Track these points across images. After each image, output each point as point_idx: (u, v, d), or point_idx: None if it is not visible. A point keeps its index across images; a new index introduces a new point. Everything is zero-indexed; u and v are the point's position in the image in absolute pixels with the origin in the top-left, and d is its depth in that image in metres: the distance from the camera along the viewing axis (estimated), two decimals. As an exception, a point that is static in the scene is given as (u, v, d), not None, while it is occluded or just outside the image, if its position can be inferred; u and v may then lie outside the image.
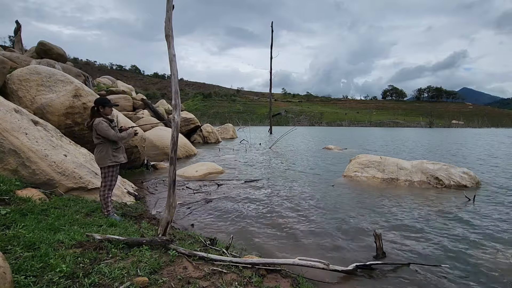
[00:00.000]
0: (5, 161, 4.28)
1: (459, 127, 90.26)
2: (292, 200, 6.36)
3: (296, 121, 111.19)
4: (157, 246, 3.02)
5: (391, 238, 4.28)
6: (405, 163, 8.57)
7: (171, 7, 3.21)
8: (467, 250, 3.92)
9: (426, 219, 5.13)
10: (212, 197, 6.41)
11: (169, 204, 3.18)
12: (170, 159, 3.19)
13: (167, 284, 2.39)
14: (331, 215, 5.35)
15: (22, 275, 2.13)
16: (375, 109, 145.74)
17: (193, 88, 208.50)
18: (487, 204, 6.10)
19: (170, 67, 3.24)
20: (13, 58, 11.38)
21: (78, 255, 2.61)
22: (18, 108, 5.23)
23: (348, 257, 3.69)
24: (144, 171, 9.37)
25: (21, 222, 3.04)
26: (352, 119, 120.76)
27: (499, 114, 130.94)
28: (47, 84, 7.00)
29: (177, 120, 3.20)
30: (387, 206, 5.91)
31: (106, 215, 3.84)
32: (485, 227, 4.77)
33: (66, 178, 4.66)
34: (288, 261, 3.03)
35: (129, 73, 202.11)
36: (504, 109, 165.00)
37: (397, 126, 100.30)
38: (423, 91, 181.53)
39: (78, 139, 6.75)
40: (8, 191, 3.76)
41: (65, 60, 15.19)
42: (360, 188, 7.67)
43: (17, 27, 16.97)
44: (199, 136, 21.66)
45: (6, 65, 6.95)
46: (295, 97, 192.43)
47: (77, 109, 6.99)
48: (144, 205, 5.53)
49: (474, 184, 7.63)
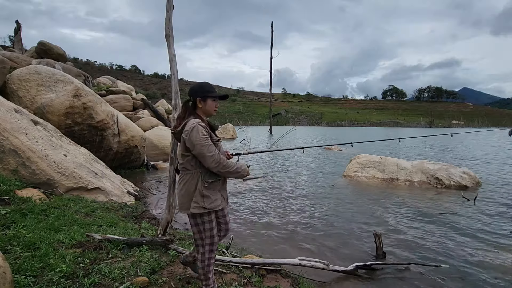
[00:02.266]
0: (5, 161, 4.28)
1: (459, 127, 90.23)
2: (292, 200, 6.36)
3: (296, 121, 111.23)
4: (157, 246, 3.02)
5: (391, 238, 4.28)
6: (405, 163, 8.57)
7: (171, 7, 3.21)
8: (467, 250, 3.91)
9: (426, 219, 5.13)
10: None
11: (169, 204, 3.18)
12: (170, 159, 3.19)
13: (167, 284, 2.39)
14: (331, 215, 5.35)
15: (22, 275, 2.13)
16: (375, 109, 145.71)
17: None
18: (487, 204, 6.09)
19: (170, 67, 3.24)
20: (13, 58, 11.38)
21: (78, 255, 2.61)
22: (18, 108, 5.23)
23: (348, 257, 3.69)
24: (144, 171, 9.36)
25: (21, 222, 3.03)
26: (352, 119, 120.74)
27: (499, 114, 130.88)
28: (47, 84, 7.00)
29: (177, 120, 3.20)
30: (387, 206, 5.91)
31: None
32: (486, 227, 4.76)
33: (66, 178, 4.65)
34: (288, 261, 3.03)
35: (129, 73, 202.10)
36: (504, 109, 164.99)
37: (397, 126, 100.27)
38: (423, 91, 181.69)
39: (78, 139, 6.75)
40: (8, 191, 3.75)
41: (65, 60, 15.20)
42: (360, 188, 7.67)
43: (17, 27, 16.97)
44: (199, 136, 21.61)
45: (6, 65, 6.96)
46: (295, 97, 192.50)
47: (77, 109, 6.98)
48: (144, 205, 5.52)
49: (475, 184, 7.63)
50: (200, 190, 1.96)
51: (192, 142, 1.89)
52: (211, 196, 1.99)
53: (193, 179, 1.98)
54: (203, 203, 1.96)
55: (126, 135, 8.29)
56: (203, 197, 1.97)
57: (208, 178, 1.99)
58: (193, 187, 1.97)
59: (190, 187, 1.98)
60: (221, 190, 2.09)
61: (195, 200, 1.96)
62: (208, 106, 2.06)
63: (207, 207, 1.97)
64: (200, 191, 1.96)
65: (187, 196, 1.99)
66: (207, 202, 1.97)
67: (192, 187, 1.97)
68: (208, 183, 1.98)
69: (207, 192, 1.97)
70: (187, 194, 1.99)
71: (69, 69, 12.61)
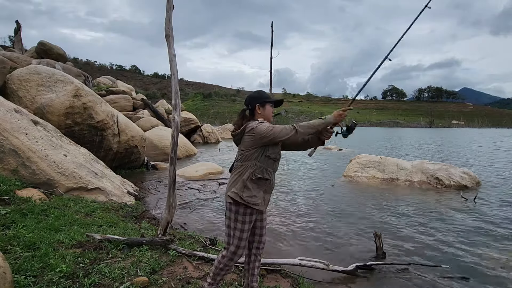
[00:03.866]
0: (5, 161, 4.28)
1: (459, 127, 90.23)
2: (291, 200, 6.36)
3: (296, 121, 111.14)
4: (157, 246, 3.02)
5: (391, 239, 4.28)
6: (405, 163, 8.57)
7: (171, 7, 3.21)
8: (467, 250, 3.91)
9: (426, 220, 5.13)
10: (212, 196, 6.40)
11: (169, 204, 3.18)
12: (170, 159, 3.19)
13: (167, 284, 2.39)
14: (331, 215, 5.35)
15: (22, 275, 2.13)
16: (375, 109, 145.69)
17: (193, 88, 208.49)
18: (487, 204, 6.10)
19: (170, 67, 3.24)
20: (13, 58, 11.38)
21: (78, 255, 2.61)
22: (18, 108, 5.23)
23: (348, 257, 3.68)
24: (144, 171, 9.36)
25: (21, 222, 3.03)
26: (352, 119, 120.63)
27: (499, 114, 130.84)
28: (47, 84, 7.00)
29: (177, 120, 3.20)
30: (387, 207, 5.91)
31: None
32: (485, 227, 4.76)
33: (66, 178, 4.66)
34: (288, 261, 3.03)
35: (129, 73, 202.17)
36: (504, 109, 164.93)
37: (397, 126, 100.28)
38: (423, 91, 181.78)
39: (78, 139, 6.75)
40: (8, 191, 3.75)
41: (65, 60, 15.19)
42: (360, 188, 7.67)
43: (17, 27, 16.96)
44: (199, 136, 21.66)
45: (6, 65, 6.96)
46: (295, 97, 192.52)
47: (77, 109, 6.98)
48: (144, 205, 5.52)
49: (474, 184, 7.63)
50: (245, 180, 1.96)
51: (261, 133, 1.94)
52: (252, 190, 1.96)
53: (245, 170, 1.99)
54: (242, 193, 1.94)
55: (126, 135, 8.30)
56: (244, 187, 1.95)
57: (258, 173, 1.98)
58: (241, 176, 1.99)
59: (239, 177, 2.00)
60: (265, 192, 2.05)
61: (235, 188, 1.97)
62: (267, 111, 2.13)
63: (244, 198, 1.93)
64: (244, 181, 1.96)
65: (232, 182, 2.02)
66: (246, 193, 1.94)
67: (240, 177, 1.99)
68: (256, 177, 1.97)
69: (250, 185, 1.96)
70: (233, 180, 2.02)
71: (69, 69, 12.61)
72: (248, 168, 1.99)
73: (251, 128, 1.98)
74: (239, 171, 2.01)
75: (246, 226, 1.98)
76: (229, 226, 2.02)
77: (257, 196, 1.98)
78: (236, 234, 1.98)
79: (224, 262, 2.02)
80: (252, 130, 1.98)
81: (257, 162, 1.99)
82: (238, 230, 1.97)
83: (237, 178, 2.00)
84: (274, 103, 2.18)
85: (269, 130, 1.93)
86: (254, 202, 1.96)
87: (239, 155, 2.07)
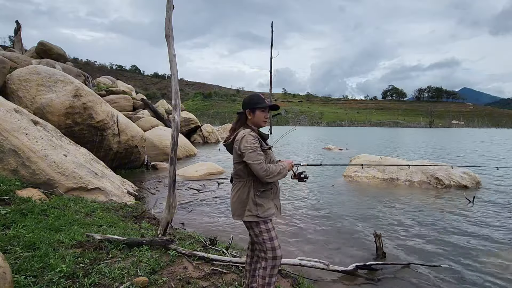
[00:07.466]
0: (5, 161, 4.28)
1: (459, 127, 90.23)
2: (291, 200, 6.36)
3: (296, 121, 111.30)
4: (157, 246, 3.02)
5: (391, 239, 4.28)
6: (405, 163, 8.56)
7: (171, 7, 3.21)
8: (467, 250, 3.91)
9: (426, 220, 5.13)
10: (212, 196, 6.40)
11: (169, 204, 3.18)
12: (170, 159, 3.19)
13: (167, 284, 2.39)
14: (331, 216, 5.35)
15: (22, 275, 2.13)
16: (375, 109, 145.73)
17: (193, 88, 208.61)
18: (487, 204, 6.09)
19: (170, 67, 3.24)
20: (13, 58, 11.38)
21: (78, 255, 2.60)
22: (18, 108, 5.23)
23: (348, 257, 3.69)
24: (144, 171, 9.37)
25: (21, 222, 3.03)
26: (352, 119, 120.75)
27: (499, 114, 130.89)
28: (47, 84, 7.00)
29: (177, 120, 3.20)
30: (387, 207, 5.91)
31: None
32: (485, 227, 4.76)
33: (66, 178, 4.66)
34: (288, 261, 3.03)
35: (129, 73, 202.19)
36: (504, 109, 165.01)
37: (397, 126, 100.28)
38: (423, 91, 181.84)
39: (78, 139, 6.75)
40: (8, 191, 3.75)
41: (65, 60, 15.19)
42: (360, 188, 7.67)
43: (17, 27, 16.96)
44: (199, 136, 21.66)
45: (6, 65, 6.96)
46: (295, 97, 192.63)
47: (77, 109, 6.99)
48: (144, 205, 5.52)
49: (474, 184, 7.63)
50: (253, 198, 1.99)
51: (241, 150, 1.94)
52: (264, 205, 2.01)
53: (245, 187, 2.02)
54: (257, 212, 1.98)
55: (126, 135, 8.30)
56: (256, 206, 1.98)
57: (260, 187, 2.01)
58: (245, 195, 2.00)
59: (242, 195, 2.01)
60: (274, 199, 2.10)
61: (249, 208, 1.99)
62: (256, 117, 2.08)
63: (261, 216, 1.98)
64: (253, 199, 1.99)
65: (239, 203, 2.02)
66: (261, 210, 1.99)
67: (244, 195, 2.01)
68: (260, 191, 2.01)
69: (259, 201, 1.99)
70: (239, 201, 2.02)
71: (69, 69, 12.61)
72: (247, 184, 2.02)
73: (237, 140, 2.00)
74: (242, 190, 2.02)
75: (273, 233, 2.04)
76: (259, 243, 2.06)
77: (270, 207, 2.05)
78: (268, 246, 2.02)
79: (268, 275, 2.03)
80: (237, 142, 2.00)
81: (254, 177, 2.00)
82: (268, 242, 2.02)
83: (244, 199, 2.00)
84: (269, 108, 2.13)
85: (248, 153, 1.91)
86: (270, 214, 2.03)
87: (234, 170, 2.10)
